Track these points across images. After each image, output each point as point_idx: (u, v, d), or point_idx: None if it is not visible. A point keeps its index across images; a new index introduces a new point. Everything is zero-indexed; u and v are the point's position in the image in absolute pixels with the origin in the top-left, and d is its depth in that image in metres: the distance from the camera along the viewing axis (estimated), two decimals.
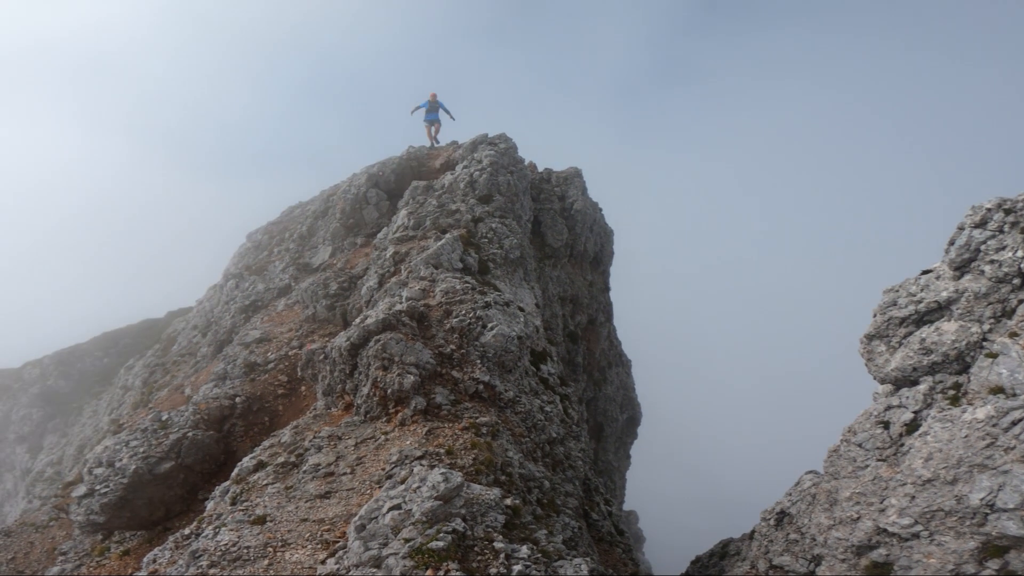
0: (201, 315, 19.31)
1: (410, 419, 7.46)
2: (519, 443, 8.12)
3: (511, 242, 13.06)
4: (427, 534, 4.96)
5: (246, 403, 11.00)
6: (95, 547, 11.89)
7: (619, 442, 18.80)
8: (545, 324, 14.29)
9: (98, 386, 28.73)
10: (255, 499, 7.24)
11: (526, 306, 12.26)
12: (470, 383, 8.36)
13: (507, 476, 7.03)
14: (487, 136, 16.54)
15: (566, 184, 18.08)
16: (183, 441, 10.95)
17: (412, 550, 4.82)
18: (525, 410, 8.86)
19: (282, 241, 17.27)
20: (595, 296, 18.87)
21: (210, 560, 5.79)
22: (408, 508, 5.24)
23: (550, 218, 16.76)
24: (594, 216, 18.98)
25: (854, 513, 5.20)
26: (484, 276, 11.87)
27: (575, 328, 16.96)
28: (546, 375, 11.00)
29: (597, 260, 19.51)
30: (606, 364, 18.73)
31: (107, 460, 11.85)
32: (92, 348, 30.80)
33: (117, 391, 24.81)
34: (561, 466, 9.03)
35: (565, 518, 7.58)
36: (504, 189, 14.30)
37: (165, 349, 22.09)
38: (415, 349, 8.22)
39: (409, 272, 11.04)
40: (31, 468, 26.44)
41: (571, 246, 17.62)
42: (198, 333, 17.88)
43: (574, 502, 8.66)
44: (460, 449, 6.95)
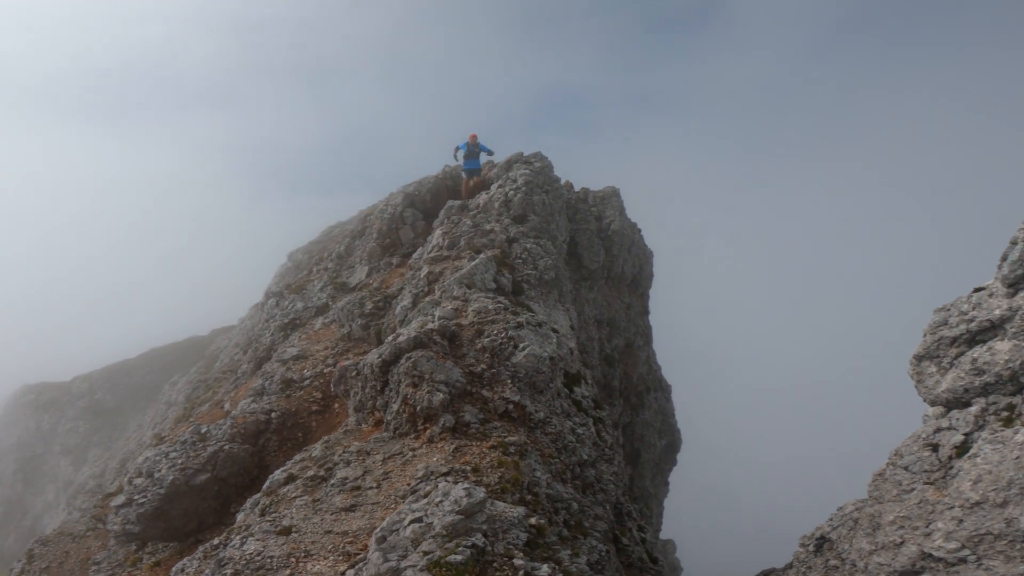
0: (243, 333, 20.00)
1: (438, 436, 7.56)
2: (548, 464, 8.11)
3: (545, 263, 13.16)
4: (446, 547, 5.01)
5: (281, 418, 11.30)
6: (128, 558, 12.24)
7: (656, 469, 18.45)
8: (580, 347, 14.26)
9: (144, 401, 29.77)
10: (283, 511, 7.43)
11: (560, 328, 12.29)
12: (500, 402, 8.42)
13: (533, 496, 7.03)
14: (522, 155, 16.79)
15: (603, 204, 18.14)
16: (219, 454, 11.30)
17: (430, 563, 4.88)
18: (555, 431, 8.85)
19: (321, 260, 17.82)
20: (633, 319, 18.74)
21: (234, 568, 5.96)
22: (429, 521, 5.32)
23: (586, 239, 16.81)
24: (632, 237, 18.94)
25: (897, 537, 5.01)
26: (518, 297, 11.98)
27: (611, 352, 16.85)
28: (579, 397, 10.97)
29: (635, 282, 19.41)
30: (644, 389, 18.49)
31: (147, 471, 12.29)
32: (139, 364, 32.17)
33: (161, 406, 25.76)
34: (591, 489, 8.96)
35: (592, 541, 7.51)
36: (539, 209, 14.46)
37: (208, 366, 22.93)
38: (445, 367, 8.34)
39: (442, 292, 11.24)
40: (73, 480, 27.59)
41: (608, 268, 17.60)
42: (239, 350, 18.50)
43: (603, 526, 8.56)
44: (487, 467, 7.00)
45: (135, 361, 32.90)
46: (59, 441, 31.82)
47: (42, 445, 32.04)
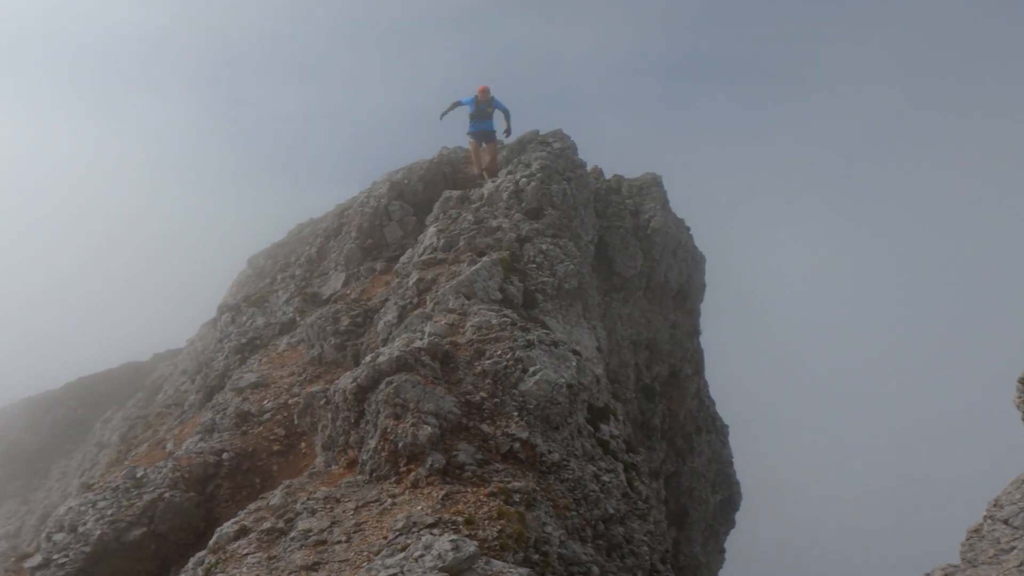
0: (191, 357, 20.36)
1: (424, 480, 7.70)
2: (562, 517, 8.21)
3: (566, 268, 13.32)
4: None
5: (235, 460, 11.53)
6: None
7: (709, 531, 18.40)
8: (611, 375, 14.36)
9: (70, 443, 30.18)
10: (231, 570, 7.60)
11: (583, 349, 12.42)
12: (503, 440, 8.54)
13: (541, 556, 7.12)
14: (538, 134, 17.02)
15: (641, 195, 18.31)
16: (158, 503, 11.54)
17: None
18: (574, 477, 8.95)
19: (287, 267, 18.13)
20: (680, 341, 18.80)
21: None
22: None
23: (619, 239, 16.96)
24: (678, 237, 19.05)
25: None
26: (529, 311, 12.14)
27: (651, 382, 16.92)
28: (607, 437, 11.06)
29: (683, 295, 19.49)
30: (693, 429, 18.51)
31: (69, 524, 12.58)
32: (65, 397, 32.71)
33: (91, 448, 26.19)
34: (619, 551, 9.03)
35: None
36: (558, 201, 14.65)
37: (148, 399, 23.33)
38: (435, 395, 8.50)
39: (435, 304, 11.44)
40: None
41: (647, 275, 17.71)
42: (187, 379, 18.83)
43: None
44: (483, 518, 7.12)
45: (59, 393, 33.43)
46: None
47: None
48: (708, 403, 19.99)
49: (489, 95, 16.33)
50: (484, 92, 16.34)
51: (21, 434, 32.89)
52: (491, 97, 16.40)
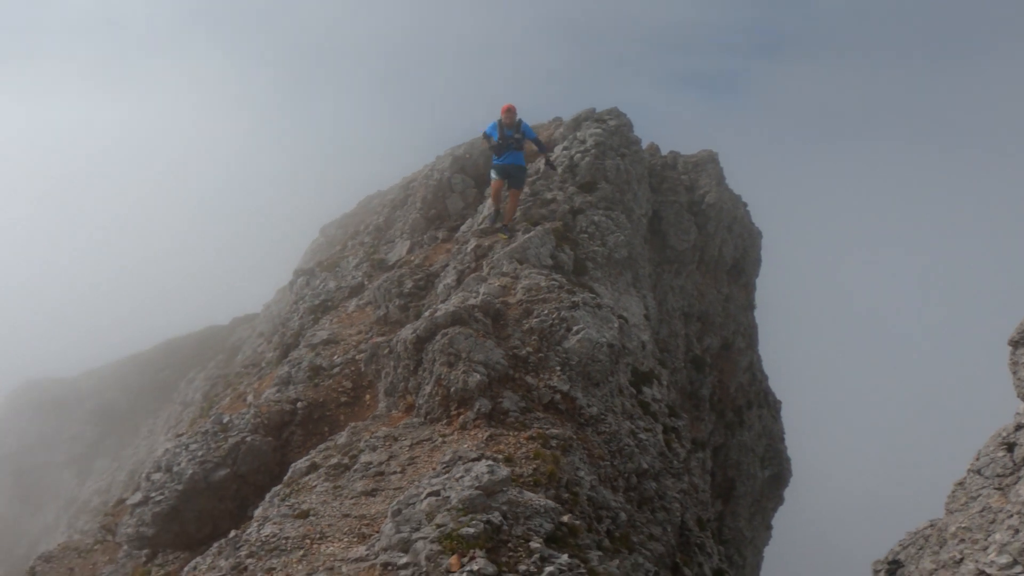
0: (268, 320, 21.87)
1: (472, 423, 8.60)
2: (596, 466, 8.97)
3: (617, 239, 13.97)
4: (460, 520, 6.04)
5: (307, 410, 12.68)
6: (136, 571, 13.62)
7: (756, 507, 18.81)
8: (660, 344, 14.98)
9: (157, 402, 32.09)
10: (303, 498, 8.68)
11: (631, 316, 13.10)
12: (545, 391, 9.36)
13: (571, 495, 7.90)
14: (594, 111, 17.53)
15: (696, 171, 18.69)
16: (241, 446, 12.79)
17: (442, 535, 5.92)
18: (611, 431, 9.69)
19: (356, 235, 19.31)
20: (733, 315, 19.18)
21: (249, 550, 7.21)
22: (447, 495, 6.36)
23: (673, 213, 17.45)
24: (734, 212, 19.38)
25: (957, 553, 5.51)
26: (580, 277, 12.87)
27: (702, 353, 17.43)
28: (648, 399, 11.76)
29: (738, 269, 19.83)
30: (744, 403, 18.92)
31: (166, 464, 13.90)
32: (153, 358, 35.06)
33: (176, 407, 28.06)
34: (650, 505, 9.70)
35: (639, 559, 8.29)
36: (612, 176, 15.25)
37: (228, 360, 25.07)
38: (485, 347, 9.38)
39: (491, 268, 12.30)
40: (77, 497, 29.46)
41: (701, 249, 18.16)
42: (263, 340, 20.32)
43: (660, 548, 9.26)
44: (521, 458, 7.97)
45: (148, 355, 35.77)
46: (63, 449, 33.53)
47: (44, 454, 33.95)
48: (761, 377, 20.31)
49: (515, 117, 13.58)
50: (509, 113, 13.55)
51: (114, 394, 35.05)
52: (518, 120, 13.64)
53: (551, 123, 18.95)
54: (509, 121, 13.64)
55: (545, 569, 5.84)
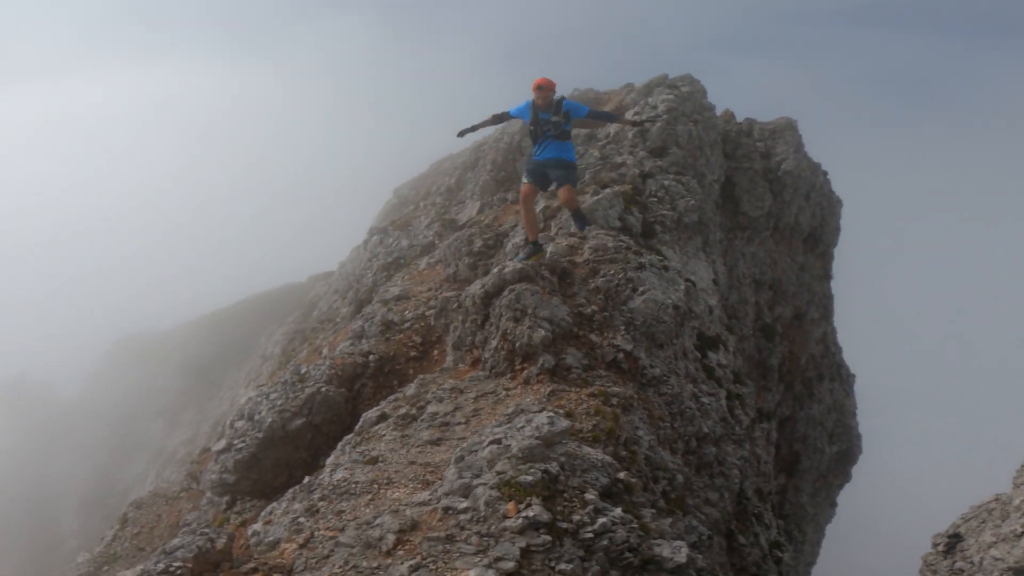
0: (343, 278, 22.50)
1: (535, 378, 8.77)
2: (656, 427, 9.03)
3: (687, 203, 13.80)
4: (519, 469, 6.21)
5: (379, 363, 13.12)
6: (216, 518, 14.26)
7: (822, 482, 18.50)
8: (729, 310, 14.81)
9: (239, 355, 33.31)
10: (372, 446, 9.05)
11: (699, 281, 12.98)
12: (608, 350, 9.44)
13: (629, 453, 8.00)
14: (666, 77, 17.23)
15: (773, 138, 18.19)
16: (316, 396, 13.34)
17: (501, 482, 6.11)
18: (672, 393, 9.72)
19: (428, 195, 19.66)
20: (807, 284, 18.75)
21: (321, 494, 7.57)
22: (507, 444, 6.54)
23: (747, 180, 17.08)
24: (812, 180, 18.83)
25: (1019, 527, 5.37)
26: (648, 240, 12.80)
27: (772, 322, 17.13)
28: (713, 364, 11.69)
29: (814, 238, 19.32)
30: (815, 376, 18.55)
31: (248, 412, 14.55)
32: (236, 314, 36.54)
33: (256, 360, 29.12)
34: (708, 470, 9.72)
35: (694, 522, 8.35)
36: (684, 141, 15.01)
37: (305, 315, 25.95)
38: (551, 304, 9.50)
39: (559, 228, 12.36)
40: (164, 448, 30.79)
41: (776, 216, 17.76)
42: (338, 297, 20.97)
43: (715, 513, 9.30)
44: (581, 413, 8.09)
45: (232, 310, 37.32)
46: (154, 401, 35.05)
47: (136, 405, 35.65)
48: (834, 350, 19.85)
49: (551, 95, 10.35)
50: (542, 90, 10.27)
51: (201, 347, 36.46)
52: (557, 99, 10.42)
53: (622, 89, 18.74)
54: (544, 101, 10.32)
55: (598, 520, 5.96)
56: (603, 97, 18.89)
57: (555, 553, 5.57)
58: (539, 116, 10.46)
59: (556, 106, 10.37)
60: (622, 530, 5.96)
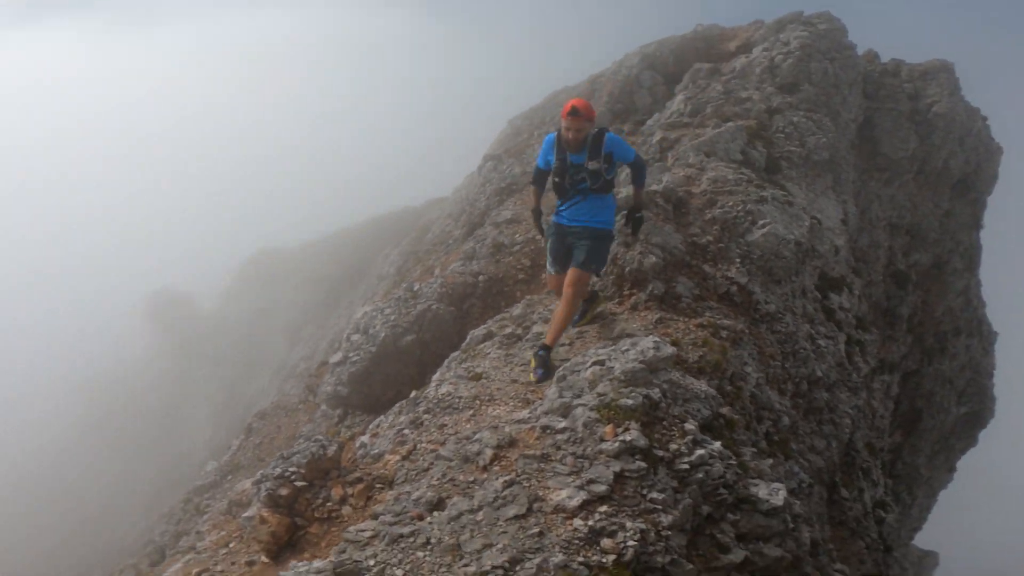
0: (456, 203, 22.80)
1: (643, 304, 8.61)
2: (765, 364, 8.72)
3: (818, 140, 12.99)
4: (620, 391, 6.14)
5: (488, 283, 13.30)
6: (329, 430, 14.95)
7: (942, 444, 17.49)
8: (857, 253, 14.00)
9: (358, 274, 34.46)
10: (477, 362, 9.23)
11: (826, 219, 12.28)
12: (722, 281, 9.13)
13: (734, 388, 7.77)
14: (802, 14, 16.09)
15: (924, 80, 16.74)
16: (427, 313, 13.72)
17: (601, 403, 6.07)
18: (787, 332, 9.33)
19: (542, 125, 19.40)
20: (952, 232, 17.42)
21: (426, 407, 7.80)
22: (611, 366, 6.48)
23: (890, 121, 15.88)
24: (969, 125, 17.26)
25: None
26: (772, 175, 12.17)
27: (907, 269, 16.07)
28: (835, 306, 11.12)
29: (966, 183, 17.82)
30: (950, 329, 17.37)
31: (364, 327, 15.10)
32: (356, 234, 37.82)
33: (372, 280, 30.18)
34: (817, 416, 9.33)
35: (795, 467, 8.06)
36: (817, 78, 14.09)
37: (420, 238, 26.53)
38: (664, 231, 9.24)
39: (675, 159, 11.93)
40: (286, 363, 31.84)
41: (921, 160, 16.46)
42: (451, 220, 21.25)
43: (819, 462, 8.93)
44: (688, 343, 7.91)
45: (355, 230, 38.55)
46: (280, 316, 36.52)
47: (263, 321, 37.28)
48: (977, 304, 18.44)
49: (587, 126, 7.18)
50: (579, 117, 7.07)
51: (324, 266, 37.79)
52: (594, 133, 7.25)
53: (750, 26, 17.61)
54: (575, 136, 7.11)
55: (696, 452, 5.84)
56: (727, 34, 17.90)
57: (648, 481, 5.50)
58: (567, 159, 7.29)
59: (594, 145, 7.13)
60: (719, 465, 5.81)
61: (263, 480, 6.43)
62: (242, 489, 12.35)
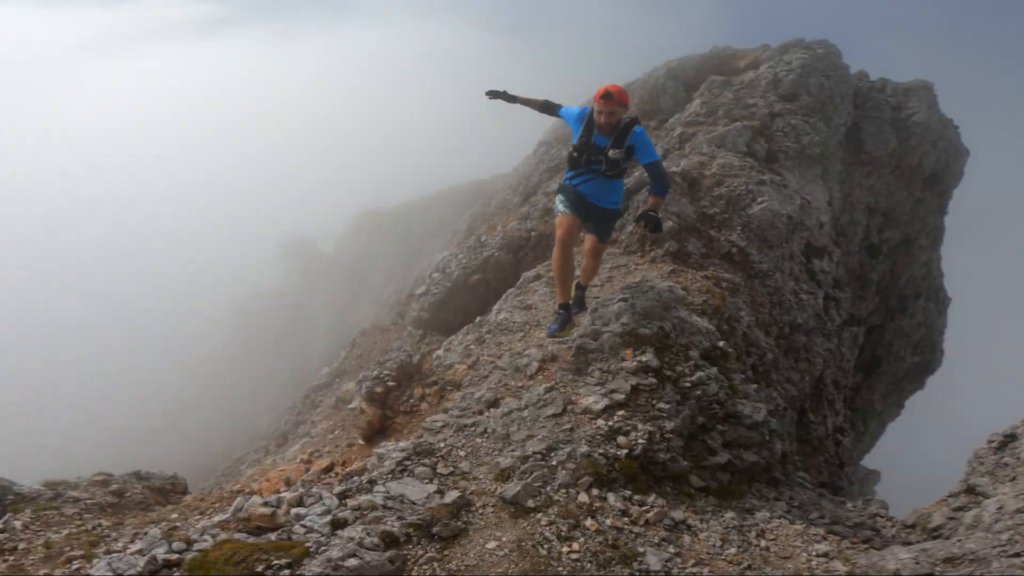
0: (516, 177, 22.60)
1: (660, 258, 8.53)
2: (756, 311, 8.57)
3: (811, 139, 12.44)
4: (639, 323, 6.15)
5: (538, 238, 13.30)
6: (413, 346, 15.27)
7: (894, 386, 16.94)
8: (839, 229, 13.49)
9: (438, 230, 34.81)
10: (528, 296, 9.31)
11: (814, 201, 11.84)
12: (725, 244, 8.95)
13: (730, 328, 7.67)
14: (803, 41, 15.22)
15: (906, 96, 15.75)
16: (491, 259, 13.88)
17: (624, 331, 6.09)
18: (775, 286, 9.13)
19: None
20: (920, 216, 16.58)
21: (487, 328, 7.91)
22: (633, 303, 6.46)
23: (874, 126, 15.04)
24: (941, 132, 16.24)
25: None
26: (771, 164, 11.74)
27: (879, 243, 15.40)
28: (816, 269, 10.79)
29: (935, 178, 16.88)
30: (912, 294, 16.68)
31: (442, 266, 15.42)
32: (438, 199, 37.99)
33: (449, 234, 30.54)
34: (795, 354, 9.16)
35: (774, 393, 7.94)
36: (814, 91, 13.42)
37: (486, 204, 26.50)
38: (680, 202, 9.07)
39: (692, 148, 11.59)
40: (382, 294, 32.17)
41: (899, 158, 15.62)
42: (511, 191, 21.16)
43: (794, 391, 8.78)
44: (695, 290, 7.82)
45: (435, 197, 38.82)
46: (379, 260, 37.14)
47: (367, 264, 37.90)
48: (936, 274, 17.61)
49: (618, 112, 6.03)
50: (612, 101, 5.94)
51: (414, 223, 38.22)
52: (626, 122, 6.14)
53: (758, 49, 16.75)
54: (608, 120, 6.01)
55: (696, 374, 5.85)
56: (739, 54, 17.10)
57: (658, 394, 5.54)
58: (592, 139, 6.19)
59: (621, 134, 6.03)
60: (715, 385, 5.83)
61: (363, 380, 6.69)
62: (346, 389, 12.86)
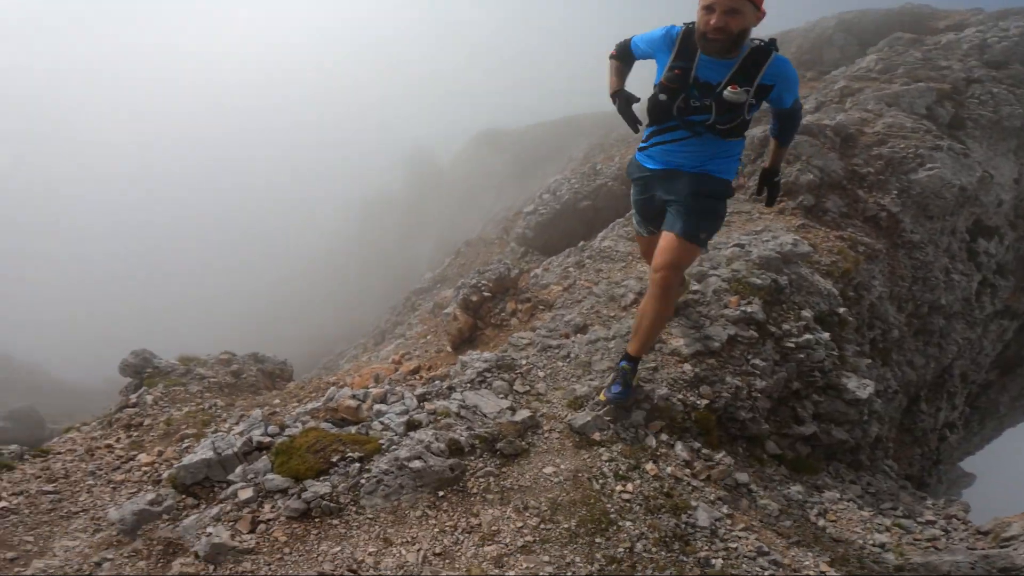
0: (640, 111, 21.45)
1: (790, 211, 7.67)
2: (892, 283, 7.61)
3: (1012, 110, 10.52)
4: (752, 271, 5.56)
5: None
6: (515, 262, 15.28)
7: None
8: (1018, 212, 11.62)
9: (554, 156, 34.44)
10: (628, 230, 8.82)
11: (999, 176, 10.17)
12: (872, 206, 7.89)
13: (856, 295, 6.86)
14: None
15: None
16: (603, 187, 13.38)
17: (732, 277, 5.54)
18: (924, 260, 8.03)
19: None
20: None
21: (589, 253, 7.62)
22: (749, 250, 5.86)
23: None
24: None
25: None
26: (953, 131, 10.10)
27: None
28: (980, 251, 9.42)
29: None
30: None
31: (553, 189, 15.18)
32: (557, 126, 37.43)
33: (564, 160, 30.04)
34: (926, 336, 8.12)
35: (888, 374, 7.12)
36: None
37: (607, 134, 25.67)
38: (827, 156, 8.05)
39: (854, 104, 10.18)
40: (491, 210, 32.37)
41: None
42: None
43: (911, 375, 7.84)
44: (824, 249, 6.99)
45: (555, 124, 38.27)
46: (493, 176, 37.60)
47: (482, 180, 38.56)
48: None
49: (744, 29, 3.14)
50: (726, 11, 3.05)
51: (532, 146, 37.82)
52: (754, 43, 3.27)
53: (967, 11, 14.12)
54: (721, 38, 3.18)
55: (804, 336, 5.31)
56: (939, 14, 14.55)
57: (756, 349, 5.07)
58: (694, 69, 3.43)
59: (750, 62, 3.35)
60: (822, 351, 5.29)
61: (461, 287, 6.71)
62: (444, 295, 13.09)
